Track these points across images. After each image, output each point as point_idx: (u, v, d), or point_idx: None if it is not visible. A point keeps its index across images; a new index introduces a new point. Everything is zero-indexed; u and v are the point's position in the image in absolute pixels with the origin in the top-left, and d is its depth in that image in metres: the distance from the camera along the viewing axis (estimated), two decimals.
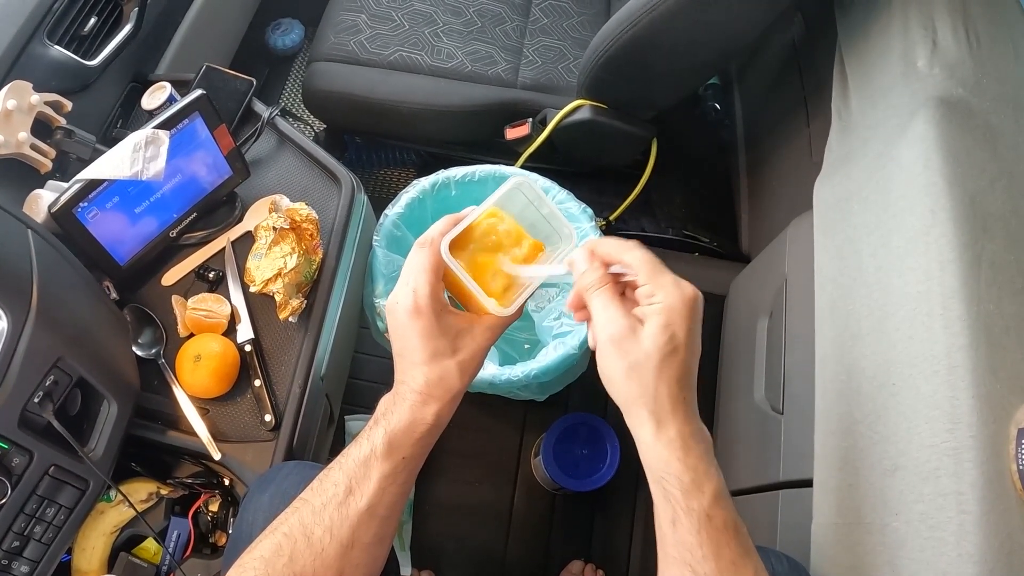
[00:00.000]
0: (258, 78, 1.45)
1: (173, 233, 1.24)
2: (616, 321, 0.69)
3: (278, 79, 2.38)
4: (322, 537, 0.71)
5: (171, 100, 1.32)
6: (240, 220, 1.30)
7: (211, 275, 1.25)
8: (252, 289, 1.19)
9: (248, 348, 1.19)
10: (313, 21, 1.93)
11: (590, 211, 1.44)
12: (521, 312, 0.80)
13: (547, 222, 0.82)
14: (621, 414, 0.70)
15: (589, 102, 1.64)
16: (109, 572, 1.13)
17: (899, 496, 0.89)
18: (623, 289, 0.73)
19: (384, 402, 0.77)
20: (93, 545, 1.12)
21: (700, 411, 0.70)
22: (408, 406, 0.75)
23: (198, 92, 1.15)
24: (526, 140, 1.76)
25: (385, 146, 2.23)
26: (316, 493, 0.74)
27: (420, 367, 0.76)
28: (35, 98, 1.17)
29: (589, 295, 0.72)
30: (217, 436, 1.14)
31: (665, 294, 0.68)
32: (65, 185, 1.07)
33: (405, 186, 1.47)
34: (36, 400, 0.90)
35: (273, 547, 0.71)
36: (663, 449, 0.67)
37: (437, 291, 0.75)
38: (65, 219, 1.06)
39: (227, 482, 1.17)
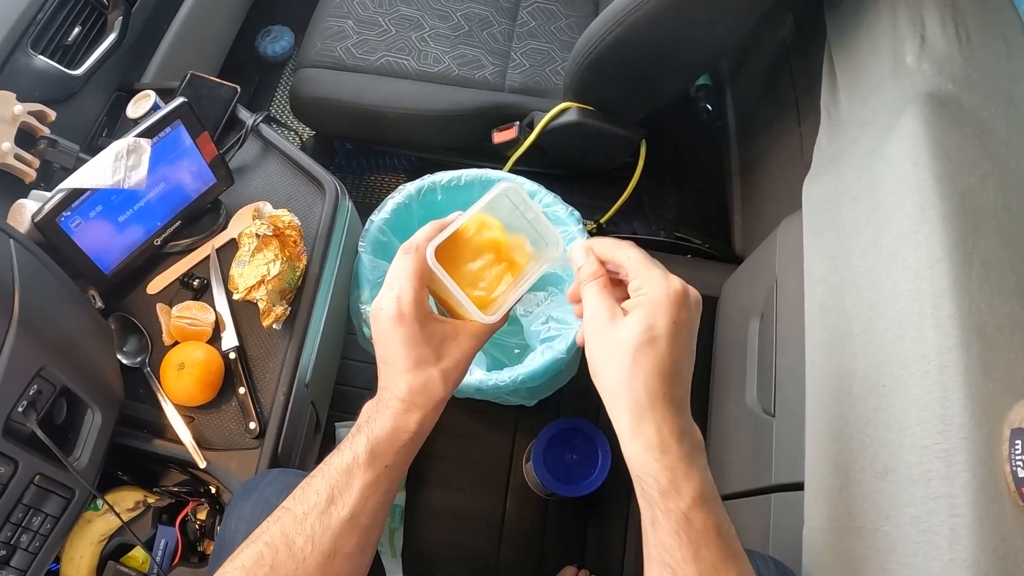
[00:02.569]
0: (248, 85, 1.45)
1: (158, 241, 1.24)
2: (600, 310, 0.70)
3: (269, 86, 2.37)
4: (304, 547, 0.70)
5: (155, 109, 1.31)
6: (225, 227, 1.29)
7: (196, 283, 1.24)
8: (236, 296, 1.18)
9: (232, 356, 1.18)
10: (303, 28, 1.92)
11: (577, 214, 1.43)
12: (507, 319, 0.79)
13: (533, 227, 0.82)
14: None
15: (576, 104, 1.64)
16: None
17: (890, 499, 0.88)
18: (624, 295, 0.73)
19: (367, 409, 0.77)
20: (81, 554, 1.12)
21: (692, 415, 0.69)
22: (391, 414, 0.74)
23: (179, 100, 1.14)
24: (514, 143, 1.76)
25: (374, 152, 2.22)
26: (298, 502, 0.73)
27: (403, 374, 0.75)
28: (18, 108, 1.16)
29: (583, 287, 0.73)
30: (202, 444, 1.13)
31: (650, 287, 0.68)
32: (49, 194, 1.07)
33: (393, 191, 1.46)
34: (20, 409, 0.89)
35: (255, 556, 0.70)
36: (639, 448, 0.66)
37: (421, 297, 0.75)
38: (48, 228, 1.06)
39: (214, 490, 1.17)
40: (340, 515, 0.71)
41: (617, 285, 0.74)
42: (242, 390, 1.16)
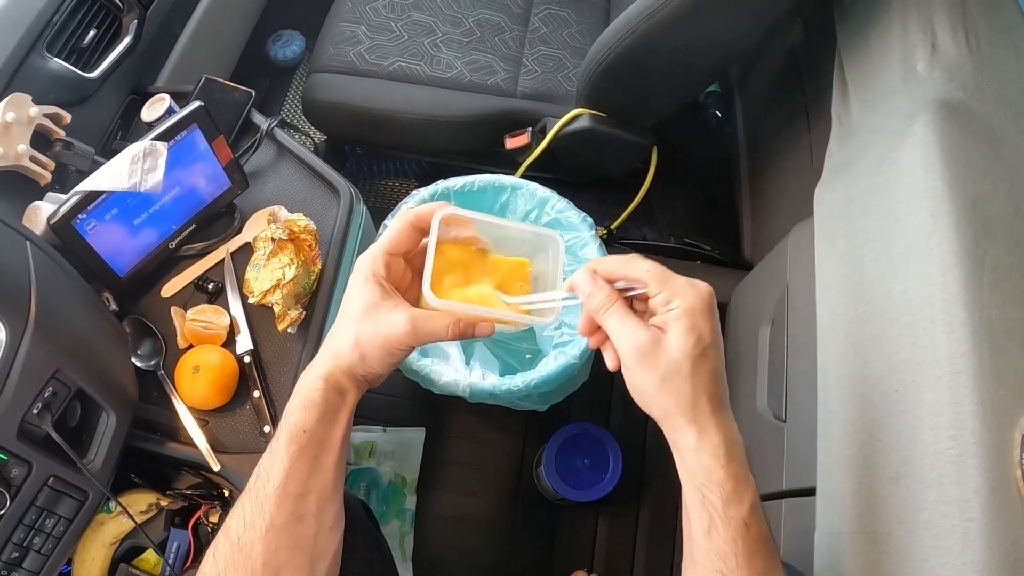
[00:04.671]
0: (259, 90, 1.45)
1: (172, 244, 1.24)
2: (638, 335, 0.68)
3: (279, 90, 2.38)
4: (237, 527, 0.72)
5: (170, 112, 1.32)
6: (239, 231, 1.30)
7: (210, 286, 1.24)
8: (251, 300, 1.18)
9: (247, 359, 1.19)
10: (314, 32, 1.93)
11: (590, 220, 1.44)
12: (441, 330, 0.76)
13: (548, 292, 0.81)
14: (623, 423, 0.70)
15: (588, 111, 1.64)
16: None
17: (902, 504, 0.88)
18: (630, 303, 0.72)
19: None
20: (93, 556, 1.12)
21: None
22: (311, 370, 0.77)
23: (196, 104, 1.15)
24: (526, 149, 1.77)
25: (386, 157, 2.23)
26: (242, 492, 0.76)
27: (336, 322, 0.78)
28: (34, 110, 1.17)
29: (602, 316, 0.71)
30: (216, 447, 1.14)
31: (683, 297, 0.67)
32: (64, 197, 1.07)
33: (406, 196, 1.47)
34: (35, 411, 0.90)
35: (205, 555, 0.73)
36: (707, 458, 0.67)
37: (380, 255, 0.77)
38: (64, 231, 1.06)
39: (227, 493, 1.17)
40: (266, 489, 0.73)
41: (628, 302, 0.73)
42: (256, 393, 1.16)
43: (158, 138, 1.10)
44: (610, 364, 0.74)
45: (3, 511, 0.90)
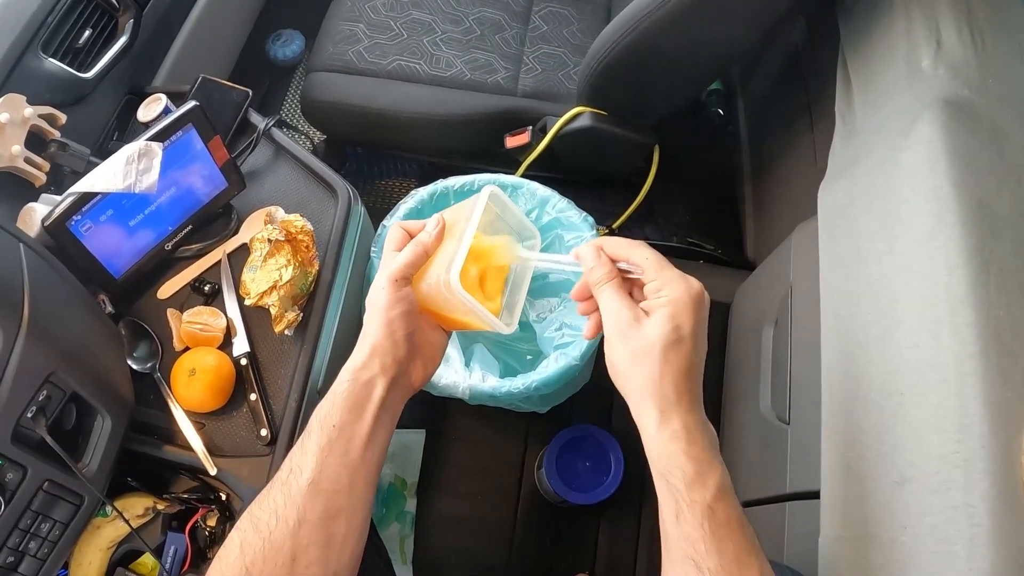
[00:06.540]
0: (259, 89, 1.45)
1: (168, 246, 1.23)
2: (622, 312, 0.72)
3: (279, 90, 2.38)
4: (268, 520, 0.71)
5: (166, 112, 1.31)
6: (236, 232, 1.29)
7: (207, 288, 1.23)
8: (247, 302, 1.17)
9: (244, 362, 1.17)
10: (314, 32, 1.92)
11: (591, 219, 1.43)
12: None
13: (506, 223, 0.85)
14: (625, 425, 0.71)
15: (589, 109, 1.63)
16: None
17: (907, 509, 0.87)
18: (631, 288, 0.76)
19: None
20: (90, 560, 1.11)
21: None
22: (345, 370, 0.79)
23: (191, 104, 1.14)
24: (526, 148, 1.76)
25: (386, 156, 2.23)
26: (269, 483, 0.75)
27: None
28: (29, 111, 1.16)
29: (598, 289, 0.75)
30: (213, 451, 1.13)
31: (671, 288, 0.70)
32: (59, 198, 1.06)
33: (405, 196, 1.46)
34: (29, 415, 0.89)
35: (227, 544, 0.72)
36: (667, 440, 0.68)
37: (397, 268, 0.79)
38: (59, 232, 1.06)
39: (224, 497, 1.16)
40: (299, 483, 0.72)
41: (627, 283, 0.76)
42: (253, 396, 1.15)
43: (153, 138, 1.09)
44: (586, 331, 0.80)
45: None
